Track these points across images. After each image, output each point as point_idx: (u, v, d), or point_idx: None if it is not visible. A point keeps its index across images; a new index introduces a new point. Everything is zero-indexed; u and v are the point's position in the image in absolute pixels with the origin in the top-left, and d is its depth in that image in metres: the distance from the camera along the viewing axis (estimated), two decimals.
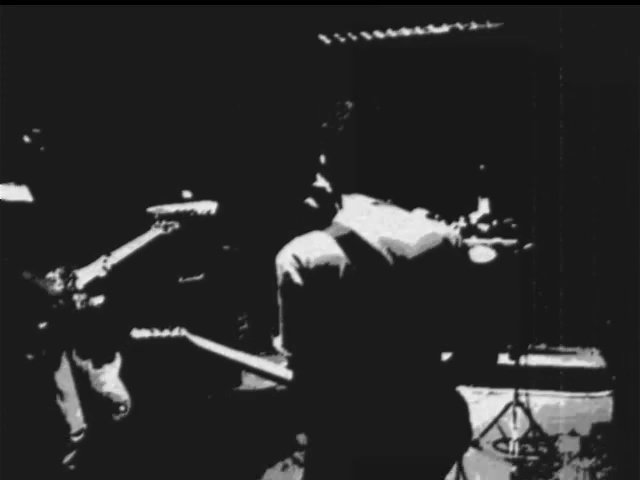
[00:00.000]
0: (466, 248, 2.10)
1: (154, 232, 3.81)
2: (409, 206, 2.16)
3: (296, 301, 1.95)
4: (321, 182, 2.16)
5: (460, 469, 3.89)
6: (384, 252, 1.98)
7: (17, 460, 3.35)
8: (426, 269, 2.01)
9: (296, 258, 1.93)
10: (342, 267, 1.92)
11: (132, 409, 4.05)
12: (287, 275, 1.93)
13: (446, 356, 2.11)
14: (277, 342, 2.02)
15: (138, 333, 2.72)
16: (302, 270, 1.92)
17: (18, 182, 3.34)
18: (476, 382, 5.92)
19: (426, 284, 2.01)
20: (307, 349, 1.97)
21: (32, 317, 3.21)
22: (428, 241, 2.03)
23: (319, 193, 2.14)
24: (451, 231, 2.09)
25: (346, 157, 2.08)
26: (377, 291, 1.96)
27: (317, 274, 1.92)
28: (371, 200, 2.07)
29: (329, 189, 2.12)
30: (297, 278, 1.92)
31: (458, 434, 2.10)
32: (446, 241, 2.05)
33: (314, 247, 1.95)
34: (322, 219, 2.07)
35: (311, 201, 2.13)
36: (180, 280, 5.55)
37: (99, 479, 3.58)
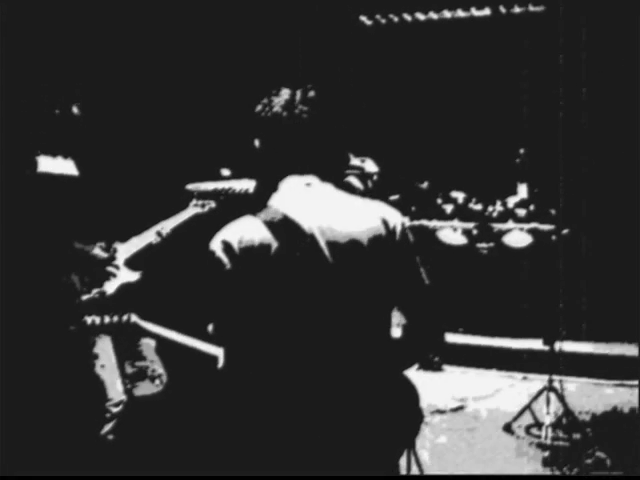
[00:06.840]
0: (407, 231, 2.03)
1: (191, 210, 3.86)
2: (448, 188, 2.15)
3: (227, 286, 1.95)
4: (356, 161, 2.15)
5: (413, 453, 3.66)
6: (317, 236, 1.96)
7: (57, 429, 3.42)
8: (360, 252, 1.98)
9: (226, 244, 1.94)
10: (272, 251, 1.92)
11: (167, 384, 4.11)
12: (218, 261, 1.94)
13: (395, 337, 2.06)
14: (210, 327, 2.02)
15: (89, 319, 2.77)
16: (232, 255, 1.93)
17: (65, 155, 3.40)
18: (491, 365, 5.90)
19: (360, 267, 1.98)
20: (238, 334, 1.98)
21: (78, 288, 3.27)
22: (363, 225, 1.99)
23: (359, 172, 2.13)
24: (391, 213, 2.04)
25: (282, 142, 2.09)
26: (309, 274, 1.94)
27: (247, 258, 1.92)
28: (304, 181, 2.04)
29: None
30: (227, 263, 1.93)
31: (405, 417, 2.04)
32: (384, 224, 2.01)
33: (244, 232, 1.95)
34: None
35: (353, 179, 2.12)
36: None
37: (137, 450, 3.65)
